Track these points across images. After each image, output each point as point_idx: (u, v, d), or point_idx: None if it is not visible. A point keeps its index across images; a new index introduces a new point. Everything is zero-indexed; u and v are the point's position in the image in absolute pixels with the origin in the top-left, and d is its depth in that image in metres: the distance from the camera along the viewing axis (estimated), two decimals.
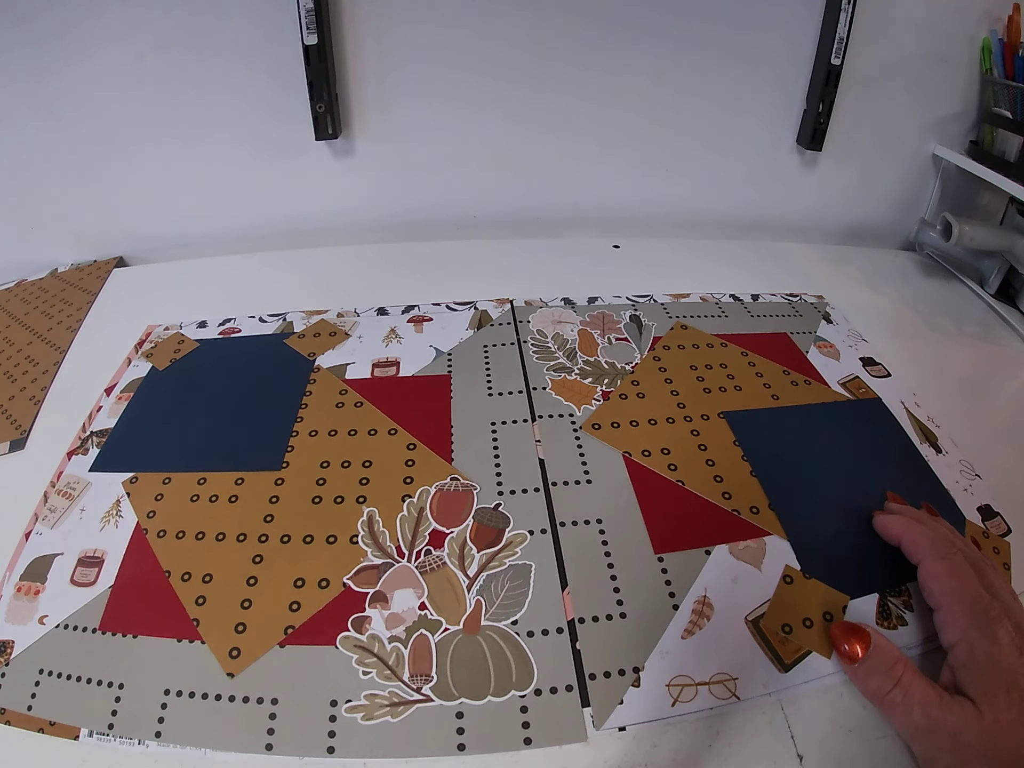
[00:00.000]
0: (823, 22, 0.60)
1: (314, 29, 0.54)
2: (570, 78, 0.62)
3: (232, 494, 0.37)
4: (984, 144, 0.65)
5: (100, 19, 0.55)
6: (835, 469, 0.40)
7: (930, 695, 0.26)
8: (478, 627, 0.31)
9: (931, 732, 0.25)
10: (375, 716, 0.28)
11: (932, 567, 0.30)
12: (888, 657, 0.27)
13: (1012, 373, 0.53)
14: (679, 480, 0.39)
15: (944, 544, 0.31)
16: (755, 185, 0.70)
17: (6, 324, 0.56)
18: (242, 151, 0.63)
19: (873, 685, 0.27)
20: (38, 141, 0.60)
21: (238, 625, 0.31)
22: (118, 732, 0.28)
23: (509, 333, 0.51)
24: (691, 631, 0.31)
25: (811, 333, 0.53)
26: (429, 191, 0.68)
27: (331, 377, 0.47)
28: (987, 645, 0.27)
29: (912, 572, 0.32)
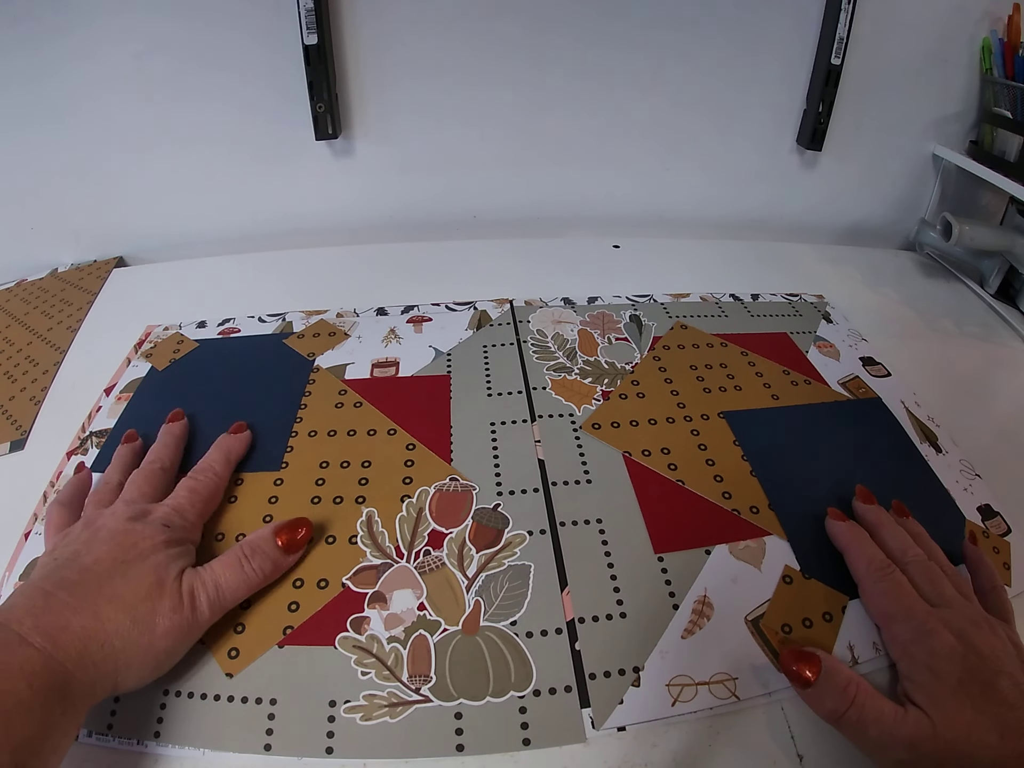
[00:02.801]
0: (823, 22, 0.60)
1: (314, 29, 0.54)
2: (570, 78, 0.62)
3: (231, 494, 0.37)
4: (984, 144, 0.65)
5: (100, 19, 0.55)
6: (835, 469, 0.40)
7: (884, 711, 0.26)
8: (477, 628, 0.31)
9: (889, 746, 0.26)
10: (374, 716, 0.28)
11: (866, 590, 0.32)
12: (840, 679, 0.27)
13: (1012, 373, 0.53)
14: (679, 480, 0.39)
15: (878, 566, 0.31)
16: (755, 185, 0.70)
17: (6, 324, 0.56)
18: (242, 151, 0.63)
19: (828, 707, 0.27)
20: (38, 141, 0.60)
21: (237, 625, 0.31)
22: (117, 732, 0.28)
23: (509, 333, 0.51)
24: (691, 631, 0.31)
25: (811, 333, 0.53)
26: (429, 191, 0.68)
27: (330, 377, 0.47)
28: (925, 657, 0.27)
29: None
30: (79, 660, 0.24)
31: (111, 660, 0.25)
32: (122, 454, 0.38)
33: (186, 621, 0.28)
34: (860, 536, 0.33)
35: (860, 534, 0.34)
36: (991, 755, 0.24)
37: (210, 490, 0.35)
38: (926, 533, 0.34)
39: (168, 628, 0.27)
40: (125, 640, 0.26)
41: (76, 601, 0.26)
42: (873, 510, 0.35)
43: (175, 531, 0.31)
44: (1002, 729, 0.25)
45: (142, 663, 0.26)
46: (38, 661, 0.23)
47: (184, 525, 0.32)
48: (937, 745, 0.25)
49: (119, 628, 0.26)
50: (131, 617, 0.26)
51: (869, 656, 0.31)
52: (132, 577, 0.27)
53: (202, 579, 0.29)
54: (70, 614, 0.25)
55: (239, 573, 0.30)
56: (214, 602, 0.29)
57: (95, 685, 0.25)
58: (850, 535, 0.34)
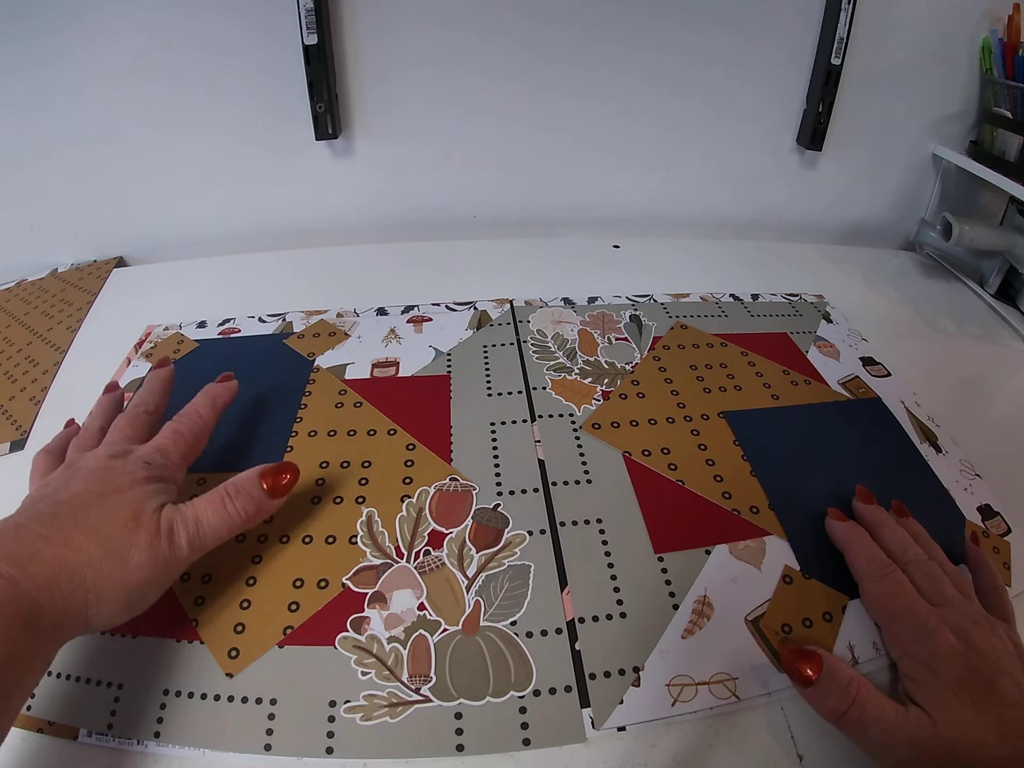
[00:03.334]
0: (823, 22, 0.60)
1: (314, 29, 0.54)
2: (570, 78, 0.62)
3: None
4: (984, 144, 0.65)
5: (100, 19, 0.55)
6: (835, 469, 0.40)
7: (885, 710, 0.26)
8: (477, 628, 0.31)
9: (890, 746, 0.26)
10: (374, 716, 0.28)
11: (867, 590, 0.32)
12: (842, 677, 0.27)
13: (1012, 373, 0.53)
14: (679, 480, 0.39)
15: (878, 566, 0.31)
16: (755, 185, 0.70)
17: (6, 324, 0.56)
18: (242, 151, 0.63)
19: (829, 706, 0.27)
20: (38, 141, 0.60)
21: (237, 625, 0.31)
22: (117, 732, 0.28)
23: (509, 333, 0.51)
24: (691, 631, 0.31)
25: (811, 333, 0.53)
26: (429, 191, 0.68)
27: (330, 377, 0.47)
28: (926, 656, 0.27)
29: None
30: (47, 589, 0.23)
31: (81, 591, 0.24)
32: (104, 402, 0.37)
33: (163, 556, 0.27)
34: (860, 536, 0.33)
35: (860, 534, 0.34)
36: (991, 754, 0.24)
37: (195, 432, 0.33)
38: (926, 533, 0.34)
39: (143, 562, 0.26)
40: (97, 571, 0.25)
41: (48, 531, 0.25)
42: (873, 510, 0.35)
43: (156, 469, 0.30)
44: (1002, 728, 0.25)
45: (114, 597, 0.25)
46: (4, 588, 0.22)
47: (166, 464, 0.31)
48: (938, 744, 0.25)
49: (91, 558, 0.25)
50: (104, 548, 0.25)
51: (869, 656, 0.31)
52: (108, 509, 0.27)
53: (183, 515, 0.28)
54: (41, 543, 0.24)
55: (221, 512, 0.29)
56: (193, 539, 0.28)
57: (64, 617, 0.24)
58: (850, 535, 0.34)
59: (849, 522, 0.35)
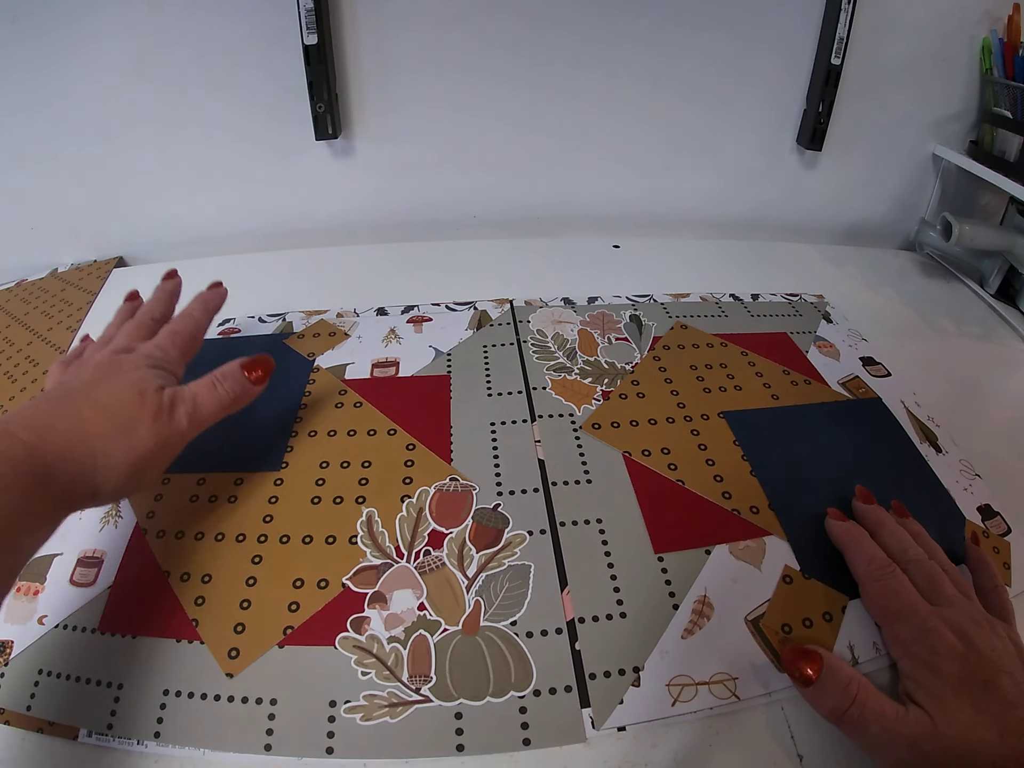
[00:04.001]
0: (823, 22, 0.60)
1: (314, 29, 0.54)
2: (570, 78, 0.62)
3: (231, 494, 0.37)
4: (984, 144, 0.65)
5: (99, 19, 0.55)
6: (835, 469, 0.40)
7: (885, 709, 0.26)
8: (477, 628, 0.31)
9: (890, 745, 0.26)
10: (374, 717, 0.28)
11: (867, 589, 0.32)
12: (842, 677, 0.27)
13: (1012, 373, 0.53)
14: (679, 480, 0.39)
15: (879, 565, 0.31)
16: (755, 185, 0.70)
17: (6, 324, 0.56)
18: (242, 151, 0.63)
19: (829, 705, 0.27)
20: (38, 141, 0.60)
21: (237, 625, 0.31)
22: (117, 732, 0.28)
23: (508, 333, 0.51)
24: (691, 631, 0.31)
25: (811, 333, 0.53)
26: (429, 191, 0.68)
27: (330, 377, 0.47)
28: (926, 655, 0.27)
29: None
30: (61, 454, 0.26)
31: (90, 459, 0.27)
32: (122, 311, 0.40)
33: (165, 428, 0.30)
34: (860, 536, 0.33)
35: (860, 534, 0.34)
36: (991, 754, 0.24)
37: (190, 331, 0.37)
38: (926, 533, 0.34)
39: (147, 434, 0.29)
40: (106, 442, 0.28)
41: (62, 408, 0.28)
42: (873, 510, 0.35)
43: (157, 360, 0.33)
44: (1002, 728, 0.25)
45: (121, 465, 0.28)
46: (21, 450, 0.25)
47: (166, 358, 0.34)
48: (938, 743, 0.25)
49: (100, 430, 0.28)
50: (112, 422, 0.28)
51: (869, 656, 0.31)
52: (115, 388, 0.30)
53: (181, 394, 0.32)
54: (55, 417, 0.27)
55: (213, 392, 0.33)
56: (192, 415, 0.31)
57: (74, 481, 0.27)
58: (850, 535, 0.34)
59: (849, 522, 0.35)
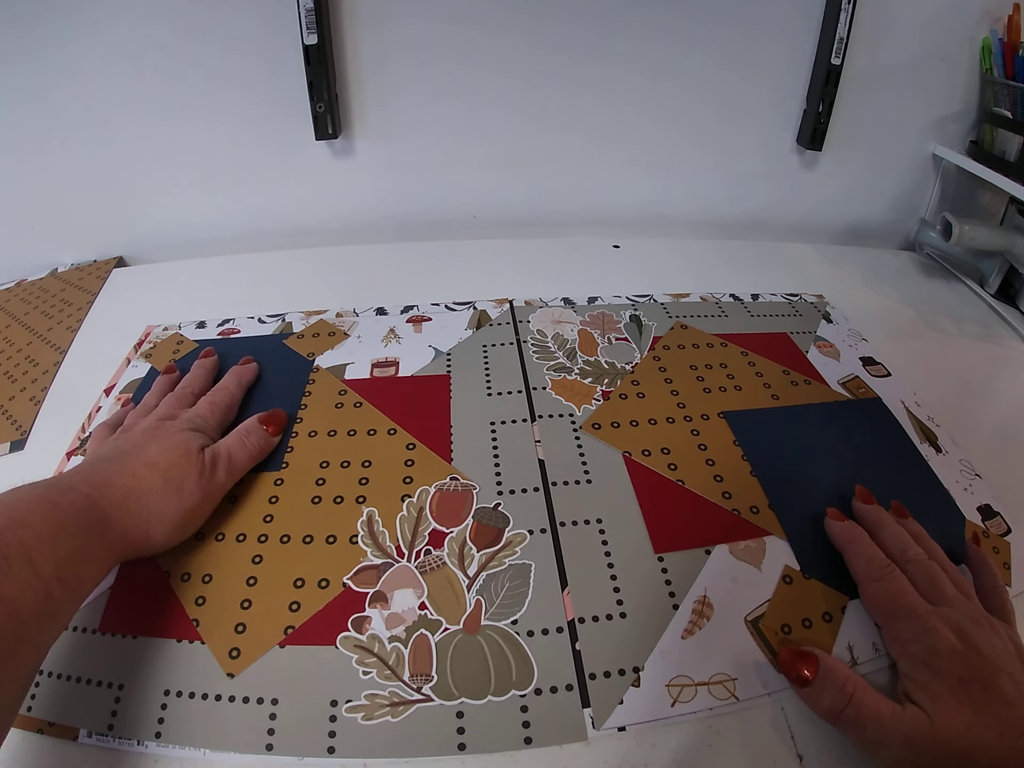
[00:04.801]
0: (823, 22, 0.60)
1: (314, 29, 0.54)
2: (570, 79, 0.62)
3: (231, 494, 0.37)
4: (984, 144, 0.65)
5: (100, 20, 0.55)
6: (835, 469, 0.40)
7: (882, 709, 0.26)
8: (478, 627, 0.31)
9: (887, 744, 0.26)
10: (375, 716, 0.28)
11: (866, 590, 0.32)
12: (838, 677, 0.27)
13: (1012, 373, 0.53)
14: (679, 480, 0.39)
15: (878, 565, 0.31)
16: (755, 185, 0.70)
17: (6, 324, 0.56)
18: (242, 151, 0.63)
19: (826, 705, 0.27)
20: (38, 141, 0.60)
21: (238, 625, 0.31)
22: (117, 733, 0.28)
23: (508, 333, 0.51)
24: (691, 631, 0.31)
25: (811, 333, 0.53)
26: (429, 191, 0.68)
27: (330, 377, 0.47)
28: (925, 655, 0.27)
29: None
30: (118, 507, 0.29)
31: (145, 512, 0.30)
32: (161, 383, 0.44)
33: (208, 484, 0.34)
34: (859, 536, 0.33)
35: (859, 534, 0.34)
36: (989, 753, 0.24)
37: (227, 402, 0.41)
38: (926, 533, 0.34)
39: (194, 489, 0.33)
40: (159, 497, 0.31)
41: (118, 467, 0.31)
42: (873, 510, 0.35)
43: (197, 425, 0.37)
44: (1001, 727, 0.25)
45: (171, 518, 0.31)
46: (84, 501, 0.28)
47: (205, 425, 0.38)
48: (935, 743, 0.25)
49: (154, 487, 0.31)
50: (164, 479, 0.32)
51: (868, 656, 0.31)
52: (164, 449, 0.33)
53: (218, 451, 0.35)
54: (113, 475, 0.30)
55: (244, 448, 0.37)
56: (228, 469, 0.35)
57: (129, 531, 0.29)
58: (849, 535, 0.34)
59: (848, 522, 0.35)
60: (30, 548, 0.24)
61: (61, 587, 0.25)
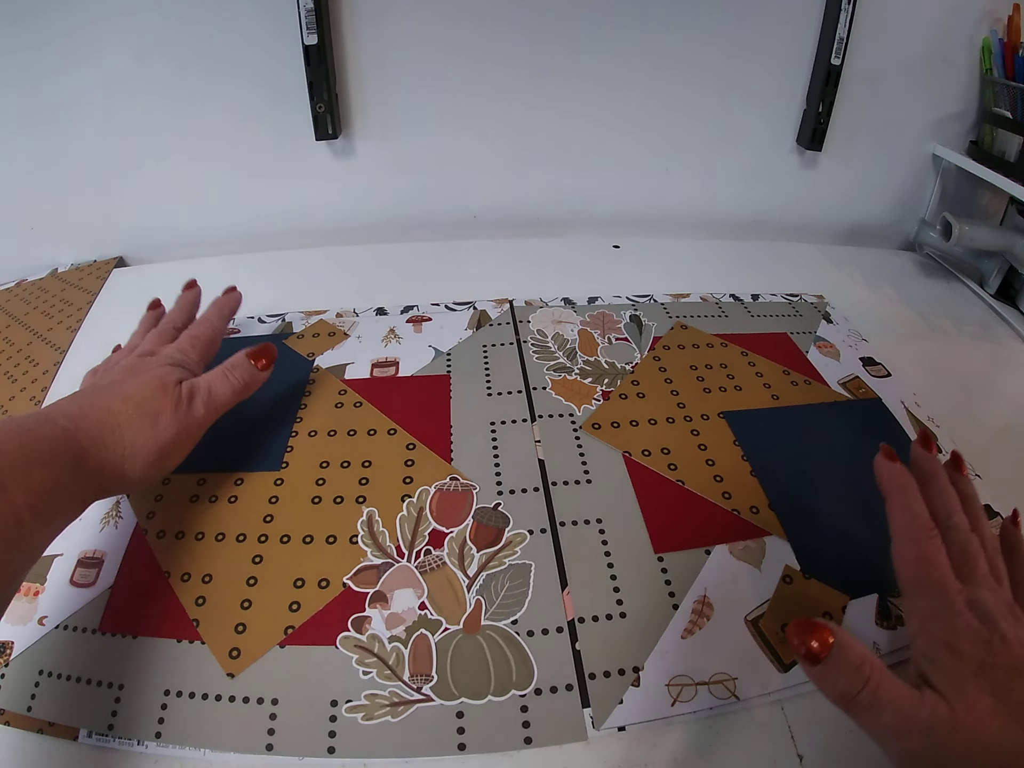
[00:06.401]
0: (823, 22, 0.60)
1: (314, 29, 0.54)
2: (570, 81, 0.62)
3: (231, 494, 0.37)
4: (984, 144, 0.65)
5: (100, 19, 0.55)
6: (835, 469, 0.40)
7: (901, 694, 0.24)
8: (478, 627, 0.31)
9: (904, 733, 0.23)
10: (375, 716, 0.28)
11: (901, 550, 0.29)
12: (854, 656, 0.24)
13: (1012, 373, 0.53)
14: (679, 480, 0.39)
15: (919, 527, 0.28)
16: (755, 185, 0.70)
17: (6, 324, 0.56)
18: (242, 151, 0.63)
19: (839, 688, 0.24)
20: (38, 141, 0.60)
21: (238, 625, 0.31)
22: (117, 733, 0.28)
23: (508, 333, 0.51)
24: (691, 631, 0.31)
25: (811, 333, 0.53)
26: (429, 191, 0.68)
27: (330, 377, 0.47)
28: (946, 635, 0.25)
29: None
30: (93, 440, 0.29)
31: (120, 446, 0.30)
32: (146, 320, 0.43)
33: (185, 417, 0.33)
34: (908, 486, 0.30)
35: (909, 483, 0.30)
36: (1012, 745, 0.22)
37: (208, 336, 0.40)
38: (977, 496, 0.31)
39: (170, 422, 0.32)
40: (133, 430, 0.31)
41: (94, 401, 0.31)
42: (929, 459, 0.32)
43: (178, 360, 0.36)
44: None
45: (147, 452, 0.31)
46: (60, 433, 0.28)
47: (186, 360, 0.37)
48: (955, 732, 0.23)
49: (129, 420, 0.31)
50: (139, 412, 0.31)
51: None
52: (140, 383, 0.33)
53: (197, 385, 0.35)
54: (88, 408, 0.30)
55: (225, 381, 0.36)
56: (207, 402, 0.34)
57: (104, 465, 0.29)
58: (899, 481, 0.30)
59: (899, 465, 0.31)
60: (2, 473, 0.24)
61: (32, 515, 0.25)
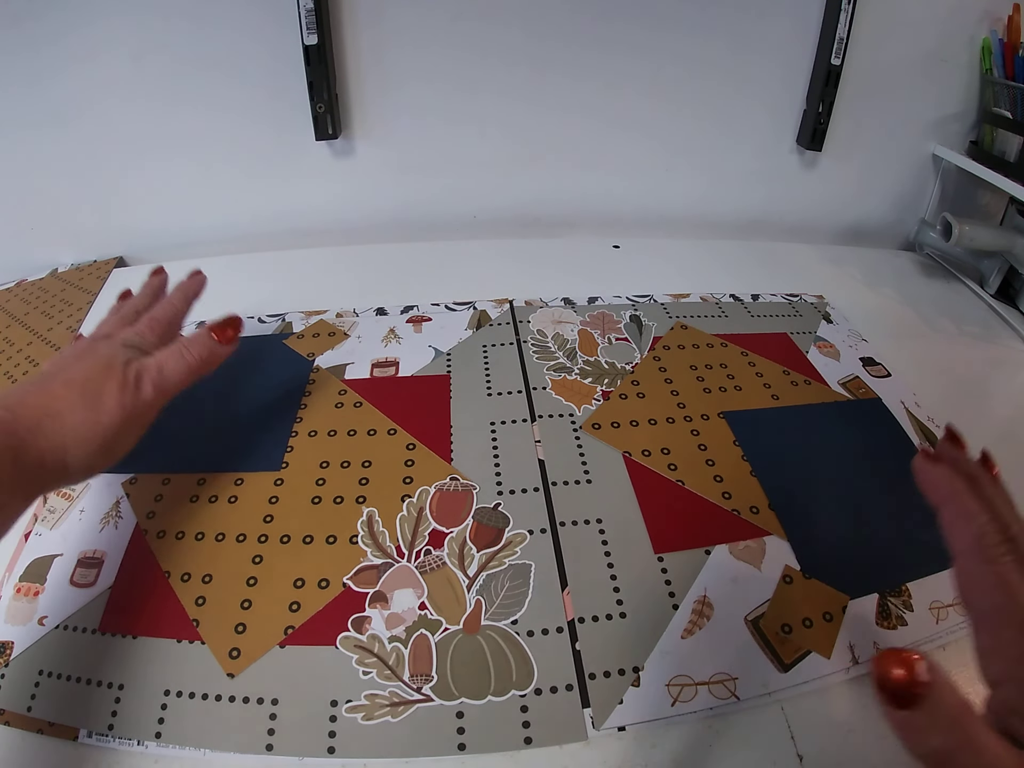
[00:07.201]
0: (823, 22, 0.60)
1: (314, 29, 0.54)
2: (570, 81, 0.62)
3: (231, 495, 0.37)
4: (984, 144, 0.65)
5: (99, 20, 0.55)
6: (835, 469, 0.40)
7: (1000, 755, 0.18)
8: (478, 627, 0.31)
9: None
10: (375, 716, 0.28)
11: (968, 571, 0.23)
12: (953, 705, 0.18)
13: (1012, 373, 0.53)
14: (679, 480, 0.39)
15: (991, 543, 0.22)
16: (755, 185, 0.70)
17: (6, 324, 0.56)
18: (242, 151, 0.63)
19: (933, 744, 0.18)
20: (38, 141, 0.60)
21: (238, 625, 0.31)
22: (117, 733, 0.28)
23: (508, 333, 0.51)
24: (691, 631, 0.31)
25: (811, 333, 0.53)
26: (429, 191, 0.68)
27: (330, 377, 0.47)
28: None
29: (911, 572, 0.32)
30: (32, 429, 0.27)
31: (60, 433, 0.28)
32: (114, 308, 0.41)
33: (131, 399, 0.30)
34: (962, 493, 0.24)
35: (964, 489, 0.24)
36: None
37: (168, 317, 0.37)
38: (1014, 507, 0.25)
39: (113, 406, 0.30)
40: (75, 415, 0.28)
41: (36, 386, 0.29)
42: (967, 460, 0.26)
43: (133, 343, 0.34)
44: None
45: (90, 439, 0.29)
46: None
47: (143, 342, 0.34)
48: None
49: (71, 404, 0.29)
50: (80, 394, 0.29)
51: (870, 656, 0.31)
52: (86, 366, 0.31)
53: (145, 364, 0.32)
54: (28, 396, 0.29)
55: (180, 359, 0.33)
56: (157, 383, 0.32)
57: (45, 456, 0.27)
58: (950, 488, 0.24)
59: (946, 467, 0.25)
60: None
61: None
